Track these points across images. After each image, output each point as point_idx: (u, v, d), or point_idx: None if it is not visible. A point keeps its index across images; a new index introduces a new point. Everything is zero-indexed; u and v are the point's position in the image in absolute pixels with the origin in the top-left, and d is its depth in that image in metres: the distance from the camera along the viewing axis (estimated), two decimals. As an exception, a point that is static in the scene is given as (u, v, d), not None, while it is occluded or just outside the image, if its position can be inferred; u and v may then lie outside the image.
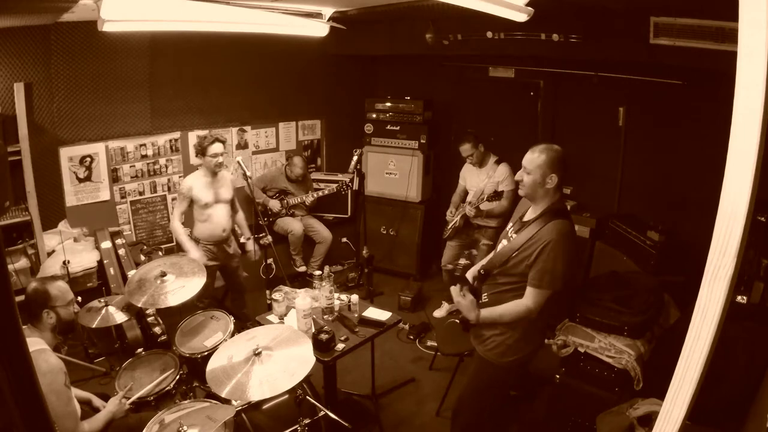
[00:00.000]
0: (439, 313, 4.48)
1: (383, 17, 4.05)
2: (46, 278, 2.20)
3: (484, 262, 2.41)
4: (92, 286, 3.71)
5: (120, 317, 2.74)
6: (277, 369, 2.03)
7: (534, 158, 2.10)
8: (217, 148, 3.48)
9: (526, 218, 2.22)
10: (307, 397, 2.49)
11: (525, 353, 2.26)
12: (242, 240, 3.95)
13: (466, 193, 4.29)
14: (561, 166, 2.09)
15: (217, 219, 3.61)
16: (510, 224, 2.36)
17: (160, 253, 4.10)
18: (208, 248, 3.65)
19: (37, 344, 1.95)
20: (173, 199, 4.61)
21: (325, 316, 2.89)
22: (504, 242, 2.28)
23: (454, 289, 2.21)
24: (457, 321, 2.42)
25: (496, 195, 3.75)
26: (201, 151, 3.52)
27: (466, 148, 4.08)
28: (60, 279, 2.22)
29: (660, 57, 2.92)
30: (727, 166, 0.71)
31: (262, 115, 5.11)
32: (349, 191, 5.07)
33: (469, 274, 2.45)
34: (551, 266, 2.02)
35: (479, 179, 4.11)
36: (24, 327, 2.01)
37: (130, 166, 4.31)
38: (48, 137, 3.79)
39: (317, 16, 3.03)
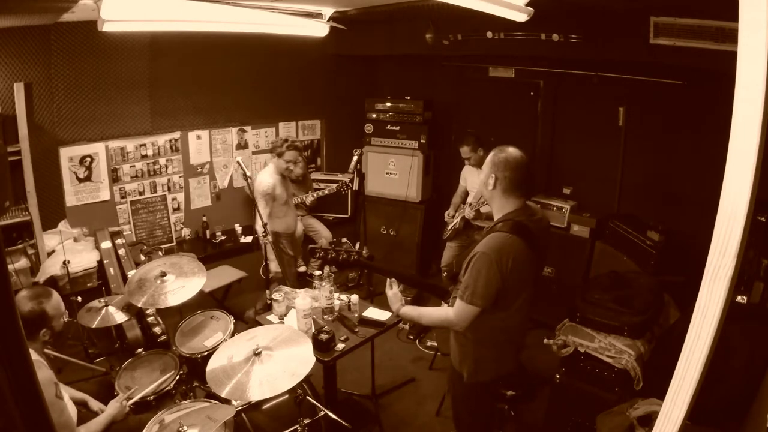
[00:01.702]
0: None
1: (383, 17, 4.04)
2: (40, 294, 2.04)
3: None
4: (92, 286, 3.70)
5: (120, 317, 2.74)
6: (277, 369, 2.03)
7: (486, 158, 2.06)
8: (291, 155, 3.68)
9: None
10: (307, 397, 2.49)
11: (475, 369, 2.08)
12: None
13: (466, 193, 4.29)
14: (504, 169, 1.94)
15: (292, 213, 3.88)
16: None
17: (160, 253, 4.10)
18: (286, 241, 3.95)
19: None
20: (173, 199, 4.62)
21: (325, 316, 2.89)
22: None
23: (387, 281, 2.21)
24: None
25: None
26: (278, 154, 3.68)
27: (465, 151, 4.07)
28: (52, 291, 2.09)
29: (660, 57, 2.92)
30: (727, 166, 0.71)
31: (262, 115, 5.10)
32: (349, 191, 5.07)
33: None
34: (472, 281, 1.88)
35: (480, 180, 4.10)
36: None
37: (130, 166, 4.31)
38: (48, 137, 3.78)
39: (317, 16, 3.03)
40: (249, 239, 4.64)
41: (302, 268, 4.97)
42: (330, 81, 5.47)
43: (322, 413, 2.53)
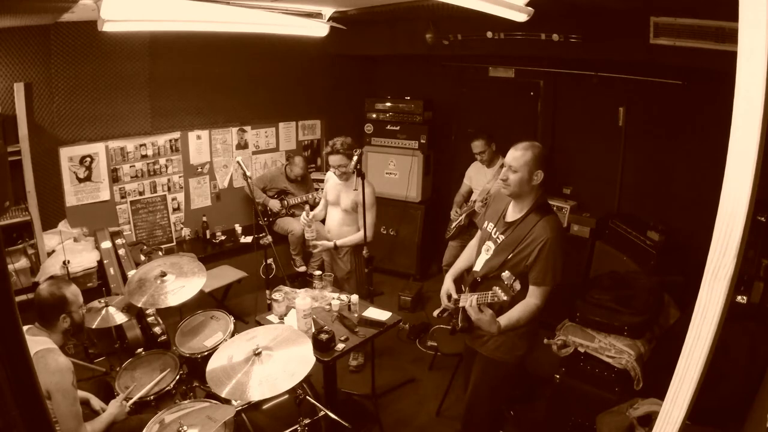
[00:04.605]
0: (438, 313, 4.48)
1: (383, 17, 4.04)
2: (59, 281, 2.15)
3: (480, 264, 2.31)
4: (92, 286, 3.70)
5: (120, 317, 2.74)
6: (277, 369, 2.02)
7: (519, 156, 2.12)
8: (334, 160, 3.33)
9: (510, 218, 2.20)
10: (307, 397, 2.49)
11: (527, 347, 2.28)
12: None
13: (469, 193, 4.29)
14: (546, 162, 2.12)
15: (329, 220, 3.60)
16: (490, 225, 2.29)
17: (160, 253, 4.10)
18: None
19: (46, 343, 1.96)
20: (173, 199, 4.62)
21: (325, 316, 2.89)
22: (490, 245, 2.24)
23: (471, 309, 2.03)
24: (448, 327, 2.40)
25: None
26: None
27: (478, 145, 4.06)
28: (71, 282, 2.20)
29: (660, 57, 2.92)
30: (727, 166, 0.71)
31: (262, 115, 5.10)
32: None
33: (450, 275, 2.45)
34: (552, 263, 2.07)
35: (485, 179, 4.11)
36: (32, 326, 2.03)
37: (130, 166, 4.31)
38: (48, 137, 3.78)
39: (317, 16, 3.03)
40: (249, 239, 4.64)
41: (302, 268, 4.97)
42: (330, 81, 5.47)
43: (322, 413, 2.52)
